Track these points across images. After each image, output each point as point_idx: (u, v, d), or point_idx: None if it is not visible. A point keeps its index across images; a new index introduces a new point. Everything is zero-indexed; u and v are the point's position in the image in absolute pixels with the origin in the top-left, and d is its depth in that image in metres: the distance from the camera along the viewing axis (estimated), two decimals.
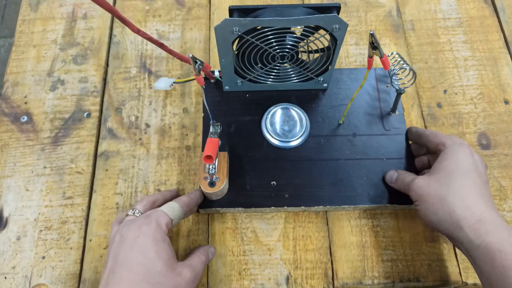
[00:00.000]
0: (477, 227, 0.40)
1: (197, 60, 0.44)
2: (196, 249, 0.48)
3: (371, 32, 0.43)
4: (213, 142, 0.50)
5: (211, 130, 0.54)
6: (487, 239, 0.39)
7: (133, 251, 0.40)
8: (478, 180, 0.44)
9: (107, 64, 0.64)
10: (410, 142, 0.56)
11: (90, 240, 0.52)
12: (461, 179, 0.43)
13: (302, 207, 0.52)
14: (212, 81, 0.59)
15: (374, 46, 0.44)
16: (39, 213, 0.54)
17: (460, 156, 0.45)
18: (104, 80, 0.63)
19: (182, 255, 0.51)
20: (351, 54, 0.65)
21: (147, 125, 0.59)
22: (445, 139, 0.48)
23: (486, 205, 0.42)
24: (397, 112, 0.57)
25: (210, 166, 0.50)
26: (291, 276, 0.50)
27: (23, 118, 0.60)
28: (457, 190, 0.43)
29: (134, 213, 0.45)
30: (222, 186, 0.50)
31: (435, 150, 0.49)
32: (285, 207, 0.52)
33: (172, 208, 0.45)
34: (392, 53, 0.56)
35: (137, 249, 0.40)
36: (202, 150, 0.53)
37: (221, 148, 0.53)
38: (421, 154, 0.54)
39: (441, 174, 0.45)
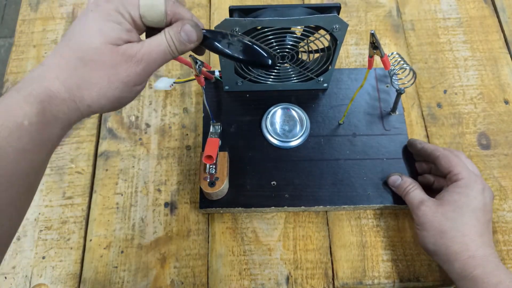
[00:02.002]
0: (468, 262, 0.42)
1: (197, 60, 0.44)
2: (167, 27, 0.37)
3: (372, 32, 0.43)
4: (213, 142, 0.50)
5: (211, 130, 0.54)
6: (474, 272, 0.41)
7: (76, 24, 0.34)
8: (483, 218, 0.45)
9: None
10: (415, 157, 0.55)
11: (90, 240, 0.52)
12: (467, 217, 0.44)
13: (302, 207, 0.52)
14: (212, 81, 0.59)
15: (374, 45, 0.44)
16: (39, 213, 0.54)
17: (472, 193, 0.45)
18: None
19: (182, 255, 0.51)
20: (351, 54, 0.65)
21: (147, 125, 0.59)
22: (460, 169, 0.47)
23: (483, 243, 0.43)
24: (397, 112, 0.57)
25: (210, 166, 0.50)
26: (291, 276, 0.50)
27: None
28: (460, 227, 0.44)
29: None
30: (222, 186, 0.50)
31: (445, 174, 0.49)
32: (285, 207, 0.52)
33: (152, 4, 0.35)
34: (392, 53, 0.56)
35: (81, 23, 0.34)
36: (202, 150, 0.53)
37: (221, 148, 0.53)
38: (426, 172, 0.54)
39: (450, 208, 0.45)
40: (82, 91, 0.33)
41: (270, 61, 0.39)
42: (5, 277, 0.50)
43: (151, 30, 0.37)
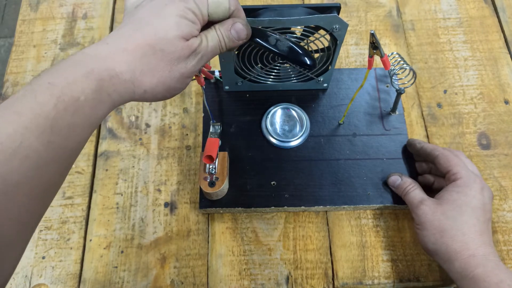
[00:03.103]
0: (468, 261, 0.42)
1: None
2: (218, 24, 0.39)
3: (372, 32, 0.43)
4: (213, 142, 0.50)
5: (211, 130, 0.54)
6: (475, 271, 0.41)
7: (150, 14, 0.35)
8: (482, 217, 0.45)
9: None
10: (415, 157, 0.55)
11: (90, 240, 0.52)
12: (467, 216, 0.44)
13: (302, 207, 0.52)
14: (212, 81, 0.59)
15: (374, 45, 0.44)
16: None
17: (471, 192, 0.45)
18: None
19: (182, 255, 0.51)
20: (351, 54, 0.65)
21: (147, 125, 0.59)
22: (459, 168, 0.47)
23: (483, 242, 0.43)
24: (397, 112, 0.57)
25: (210, 166, 0.50)
26: (291, 276, 0.50)
27: None
28: (460, 226, 0.44)
29: None
30: (222, 186, 0.50)
31: (444, 174, 0.49)
32: (285, 207, 0.52)
33: (218, 1, 0.37)
34: (392, 53, 0.56)
35: (157, 14, 0.35)
36: (202, 150, 0.53)
37: (221, 148, 0.53)
38: (426, 172, 0.54)
39: (449, 207, 0.45)
40: (144, 77, 0.34)
41: (310, 62, 0.42)
42: None
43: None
